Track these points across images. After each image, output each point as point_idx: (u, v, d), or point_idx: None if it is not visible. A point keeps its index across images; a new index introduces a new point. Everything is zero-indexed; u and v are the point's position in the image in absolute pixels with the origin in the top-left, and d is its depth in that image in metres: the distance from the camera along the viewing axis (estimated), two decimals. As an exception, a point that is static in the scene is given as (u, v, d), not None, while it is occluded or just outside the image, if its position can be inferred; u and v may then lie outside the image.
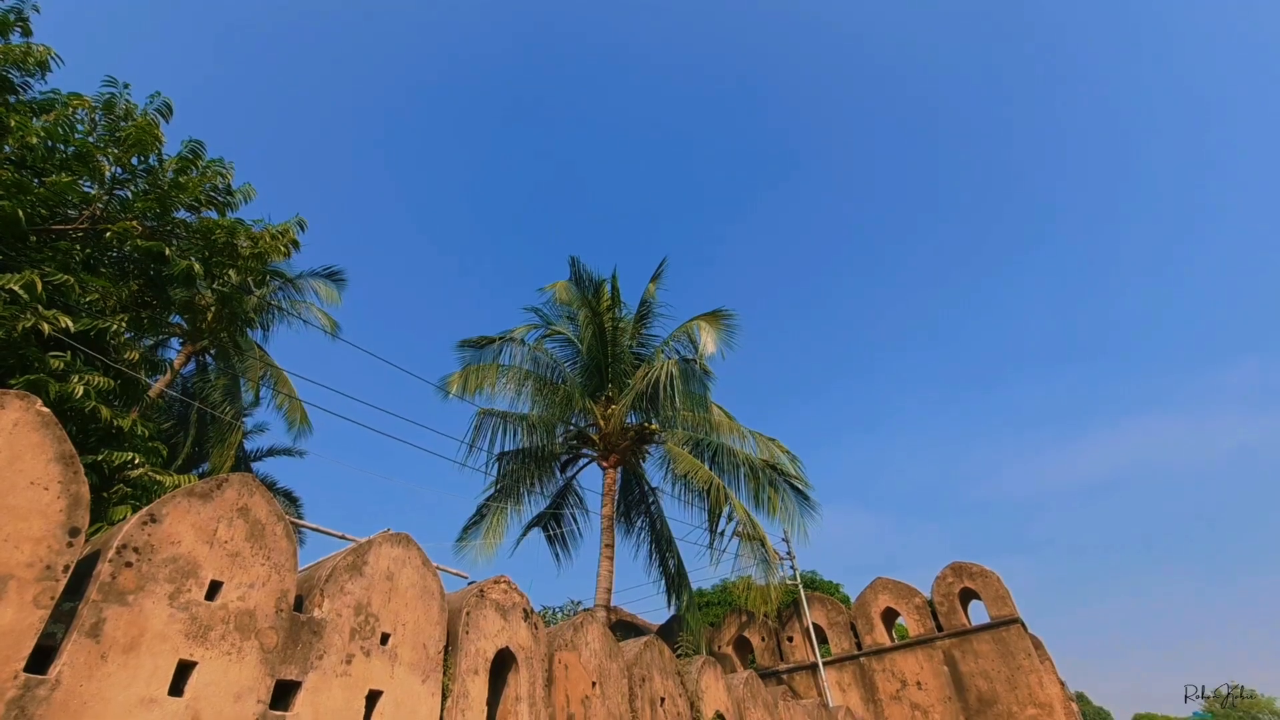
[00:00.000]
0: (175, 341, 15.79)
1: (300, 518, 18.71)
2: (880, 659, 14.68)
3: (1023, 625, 13.76)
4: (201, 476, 8.59)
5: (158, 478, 7.50)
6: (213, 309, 10.70)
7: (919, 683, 13.99)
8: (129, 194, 8.85)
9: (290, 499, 21.16)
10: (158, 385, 12.42)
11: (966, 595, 14.70)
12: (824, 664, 15.30)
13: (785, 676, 15.86)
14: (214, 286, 9.58)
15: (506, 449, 16.46)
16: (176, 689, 3.35)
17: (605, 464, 16.31)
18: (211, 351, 16.78)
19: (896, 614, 15.38)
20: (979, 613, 14.51)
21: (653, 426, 16.49)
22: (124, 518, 4.60)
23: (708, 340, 16.25)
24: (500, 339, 17.31)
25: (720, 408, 18.18)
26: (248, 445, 20.15)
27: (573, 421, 17.08)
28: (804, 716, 9.64)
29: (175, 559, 3.54)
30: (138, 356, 8.33)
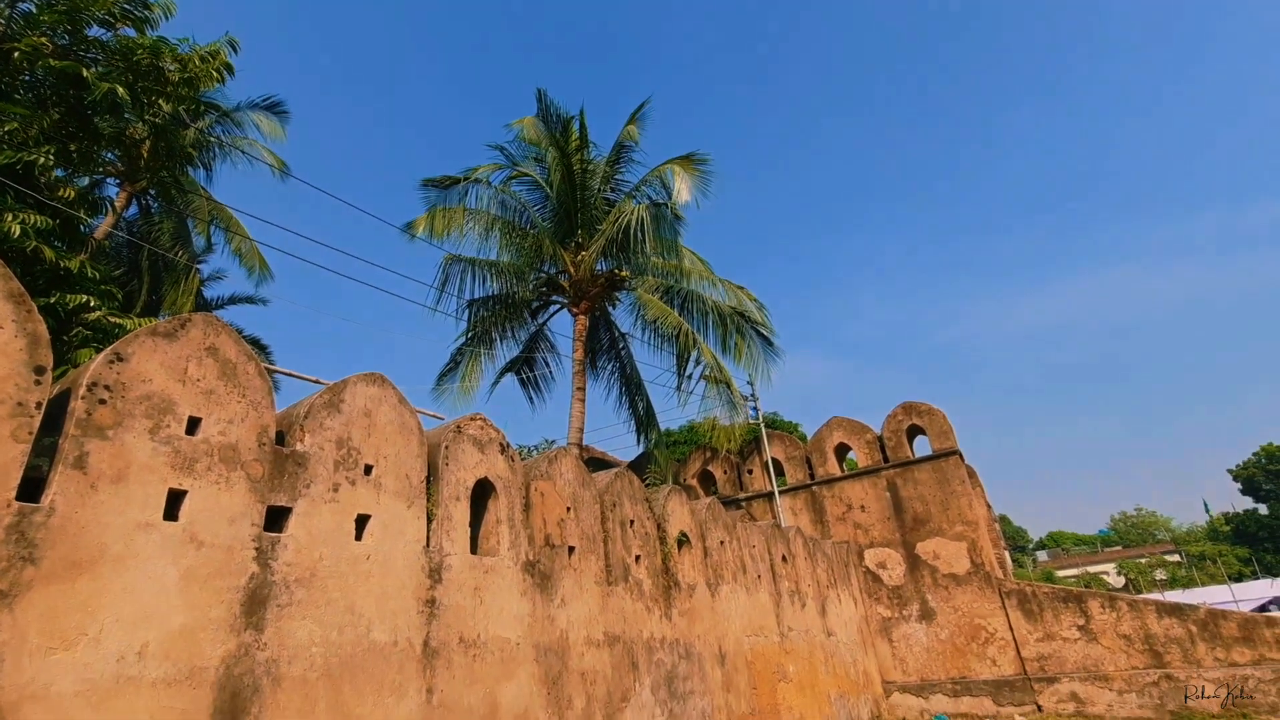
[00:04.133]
0: (113, 182, 14.73)
1: (271, 364, 18.76)
2: (830, 487, 16.08)
3: (960, 456, 15.03)
4: (164, 321, 8.44)
5: (117, 321, 7.35)
6: (147, 142, 9.89)
7: (863, 506, 15.48)
8: (32, 8, 7.78)
9: (260, 346, 21.06)
10: (101, 227, 11.73)
11: (914, 431, 15.85)
12: (779, 492, 16.72)
13: (744, 504, 17.35)
14: (146, 117, 8.77)
15: (477, 296, 16.38)
16: (171, 514, 3.54)
17: (576, 310, 16.40)
18: (152, 193, 15.73)
19: (849, 449, 16.62)
20: (924, 447, 15.78)
21: (624, 273, 16.42)
22: (89, 359, 4.56)
23: (681, 186, 15.70)
24: (465, 179, 16.50)
25: (693, 253, 18.10)
26: (207, 293, 19.59)
27: (543, 268, 16.89)
28: (759, 534, 10.69)
29: (149, 396, 3.58)
30: (74, 194, 7.80)
